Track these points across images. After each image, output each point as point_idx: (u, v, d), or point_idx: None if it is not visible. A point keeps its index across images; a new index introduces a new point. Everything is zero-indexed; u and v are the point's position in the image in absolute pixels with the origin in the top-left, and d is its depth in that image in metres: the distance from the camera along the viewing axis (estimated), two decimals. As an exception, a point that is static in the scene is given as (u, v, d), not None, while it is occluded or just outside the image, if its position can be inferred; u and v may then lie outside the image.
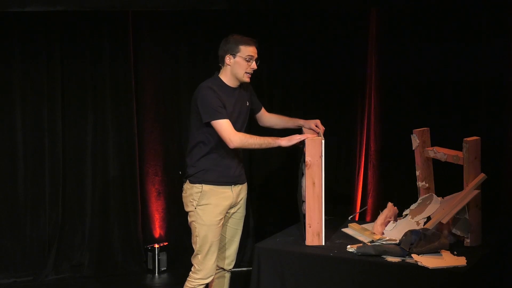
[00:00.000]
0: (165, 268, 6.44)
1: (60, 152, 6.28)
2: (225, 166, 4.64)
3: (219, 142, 4.59)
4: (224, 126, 4.51)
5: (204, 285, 4.75)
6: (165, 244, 6.46)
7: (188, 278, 4.77)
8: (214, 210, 4.65)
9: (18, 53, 6.15)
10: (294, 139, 4.59)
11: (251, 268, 4.72)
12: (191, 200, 4.69)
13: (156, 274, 6.39)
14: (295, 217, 5.16)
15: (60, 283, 6.21)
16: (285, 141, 4.59)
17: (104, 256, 6.40)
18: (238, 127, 4.61)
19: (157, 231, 6.56)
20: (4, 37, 6.10)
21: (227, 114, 4.54)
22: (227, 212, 4.76)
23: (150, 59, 6.44)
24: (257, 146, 4.58)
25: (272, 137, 4.62)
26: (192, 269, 4.75)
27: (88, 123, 6.35)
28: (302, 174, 4.73)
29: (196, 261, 4.73)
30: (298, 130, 5.01)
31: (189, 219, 4.75)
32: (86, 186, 6.38)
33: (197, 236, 4.68)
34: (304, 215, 4.71)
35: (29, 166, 6.26)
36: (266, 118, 4.99)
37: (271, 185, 6.56)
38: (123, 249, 6.44)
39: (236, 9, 6.18)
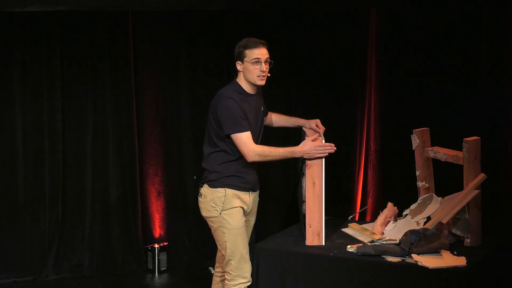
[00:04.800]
0: (165, 268, 6.44)
1: (60, 152, 6.27)
2: (246, 172, 4.57)
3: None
4: (243, 140, 4.44)
5: (247, 286, 4.59)
6: (165, 244, 6.46)
7: None
8: (239, 213, 4.58)
9: (18, 53, 6.15)
10: (315, 155, 4.54)
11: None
12: (213, 205, 4.56)
13: (156, 274, 6.39)
14: (295, 217, 5.16)
15: (60, 283, 6.21)
16: (306, 155, 4.53)
17: (104, 256, 6.39)
18: (256, 134, 4.58)
19: (157, 231, 6.56)
20: (4, 37, 6.10)
21: (248, 125, 4.46)
22: None
23: (150, 59, 6.44)
24: (275, 159, 4.53)
25: (290, 151, 4.54)
26: (227, 276, 4.59)
27: (88, 123, 6.35)
28: (303, 174, 4.73)
29: (230, 267, 4.57)
30: (298, 130, 5.01)
31: (213, 225, 4.61)
32: (86, 186, 6.37)
33: (226, 241, 4.55)
34: (304, 215, 4.71)
35: (29, 166, 6.25)
36: (267, 117, 4.97)
37: (271, 185, 6.56)
38: (123, 249, 6.44)
39: (236, 9, 6.18)
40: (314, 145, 4.52)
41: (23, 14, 5.91)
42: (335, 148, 4.56)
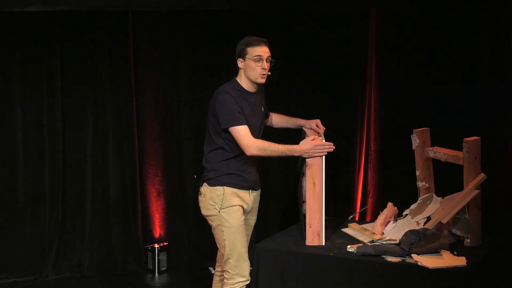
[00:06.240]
0: (165, 268, 6.44)
1: (60, 152, 6.28)
2: (245, 171, 4.58)
3: (240, 148, 4.51)
4: (242, 133, 4.44)
5: (246, 284, 4.60)
6: (165, 244, 6.46)
7: (224, 287, 4.61)
8: (239, 211, 4.58)
9: (18, 53, 6.16)
10: (314, 154, 4.54)
11: (251, 268, 4.71)
12: (212, 203, 4.57)
13: (156, 274, 6.39)
14: (295, 217, 5.16)
15: (60, 283, 6.21)
16: (305, 154, 4.52)
17: (104, 256, 6.40)
18: (256, 133, 4.58)
19: (157, 231, 6.56)
20: (4, 37, 6.10)
21: (245, 120, 4.47)
22: None
23: (150, 58, 6.45)
24: (274, 154, 4.50)
25: (289, 149, 4.53)
26: (226, 275, 4.59)
27: (88, 123, 6.36)
28: (303, 174, 4.73)
29: (229, 266, 4.58)
30: (298, 130, 5.01)
31: (213, 224, 4.61)
32: (86, 186, 6.38)
33: (225, 239, 4.56)
34: (304, 215, 4.71)
35: (29, 166, 6.26)
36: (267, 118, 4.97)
37: (271, 185, 6.56)
38: (123, 249, 6.44)
39: (236, 9, 6.18)
40: (314, 144, 4.53)
41: (23, 14, 5.91)
42: (334, 147, 4.56)
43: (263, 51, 4.54)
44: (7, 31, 6.09)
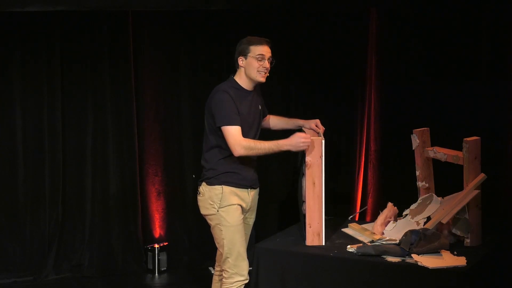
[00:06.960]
0: (165, 268, 6.44)
1: (60, 152, 6.28)
2: (243, 169, 4.57)
3: None
4: (232, 133, 4.44)
5: (244, 284, 4.60)
6: (165, 244, 6.46)
7: (223, 286, 4.61)
8: (237, 210, 4.58)
9: (18, 53, 6.16)
10: (300, 144, 4.50)
11: (251, 268, 4.71)
12: (211, 203, 4.57)
13: (156, 274, 6.39)
14: (295, 217, 5.16)
15: (60, 283, 6.21)
16: (292, 148, 4.50)
17: (104, 256, 6.40)
18: (253, 131, 4.59)
19: (157, 231, 6.56)
20: (4, 37, 6.10)
21: (240, 120, 4.47)
22: None
23: (150, 59, 6.45)
24: (262, 152, 4.48)
25: (276, 144, 4.49)
26: (225, 274, 4.59)
27: (88, 123, 6.36)
28: (303, 174, 4.73)
29: (227, 265, 4.58)
30: (298, 131, 5.00)
31: (211, 223, 4.62)
32: (86, 186, 6.38)
33: (223, 239, 4.56)
34: (304, 215, 4.71)
35: (29, 166, 6.26)
36: (266, 120, 4.97)
37: (271, 185, 6.56)
38: (123, 249, 6.44)
39: (236, 9, 6.18)
40: (298, 135, 4.50)
41: (23, 14, 5.92)
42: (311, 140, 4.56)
43: (266, 50, 4.58)
44: (7, 31, 6.10)
